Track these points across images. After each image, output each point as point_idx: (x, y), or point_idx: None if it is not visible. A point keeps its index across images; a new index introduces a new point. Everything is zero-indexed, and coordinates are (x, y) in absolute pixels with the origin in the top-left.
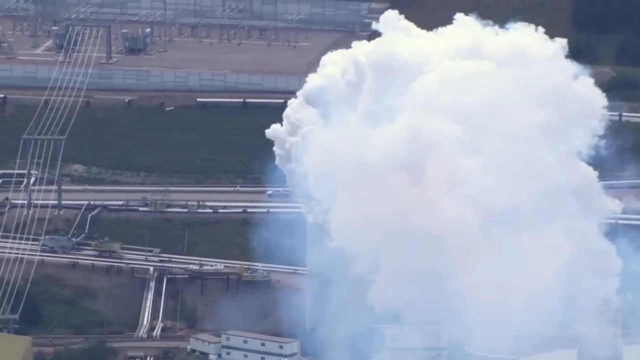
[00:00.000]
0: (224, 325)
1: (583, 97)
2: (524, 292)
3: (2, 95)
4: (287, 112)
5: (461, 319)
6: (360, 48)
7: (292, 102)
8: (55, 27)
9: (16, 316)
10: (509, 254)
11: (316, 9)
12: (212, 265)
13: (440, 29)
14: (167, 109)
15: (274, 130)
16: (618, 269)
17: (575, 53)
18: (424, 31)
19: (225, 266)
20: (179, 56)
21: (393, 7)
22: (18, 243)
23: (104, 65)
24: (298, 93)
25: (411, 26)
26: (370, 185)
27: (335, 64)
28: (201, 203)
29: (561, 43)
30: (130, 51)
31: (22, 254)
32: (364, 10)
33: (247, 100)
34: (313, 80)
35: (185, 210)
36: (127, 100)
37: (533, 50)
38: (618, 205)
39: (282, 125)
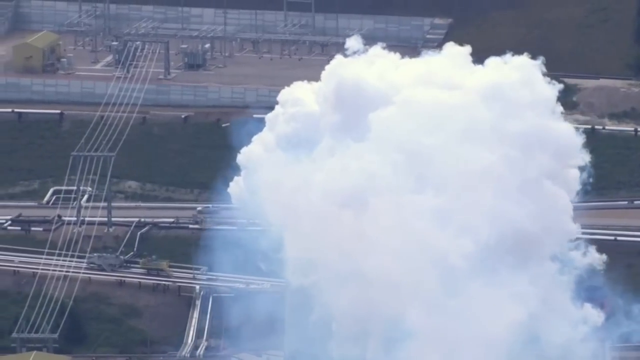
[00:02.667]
0: (267, 345)
1: (559, 147)
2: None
3: (59, 111)
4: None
5: None
6: (326, 78)
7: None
8: (115, 43)
9: (55, 335)
10: (460, 303)
11: (379, 24)
12: (258, 284)
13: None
14: (223, 125)
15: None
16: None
17: (637, 69)
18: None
19: (271, 285)
20: (238, 72)
21: (456, 23)
22: (64, 260)
23: (161, 81)
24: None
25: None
26: (314, 221)
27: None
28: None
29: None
30: (189, 67)
31: (67, 271)
32: (427, 26)
33: None
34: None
35: (234, 228)
36: (183, 116)
37: (510, 91)
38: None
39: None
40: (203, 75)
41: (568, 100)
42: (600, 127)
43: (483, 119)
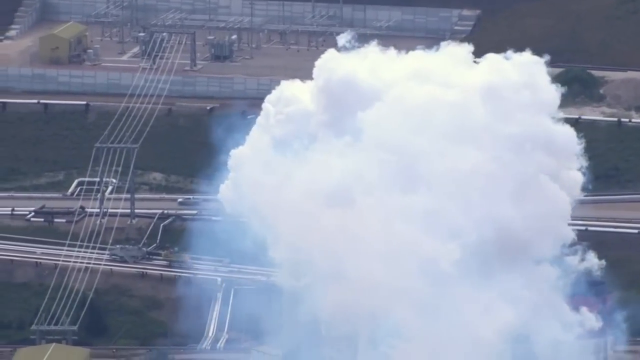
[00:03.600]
0: (289, 338)
1: (557, 150)
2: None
3: (85, 102)
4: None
5: None
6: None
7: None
8: (142, 34)
9: (75, 327)
10: (448, 305)
11: (407, 15)
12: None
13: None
14: (249, 117)
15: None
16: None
17: None
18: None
19: None
20: (264, 63)
21: (484, 14)
22: (85, 252)
23: (187, 72)
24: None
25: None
26: (296, 220)
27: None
28: None
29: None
30: (215, 58)
31: (89, 263)
32: (455, 18)
33: None
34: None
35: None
36: (208, 107)
37: (508, 91)
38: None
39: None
40: (229, 67)
41: (595, 93)
42: (627, 120)
43: (476, 118)
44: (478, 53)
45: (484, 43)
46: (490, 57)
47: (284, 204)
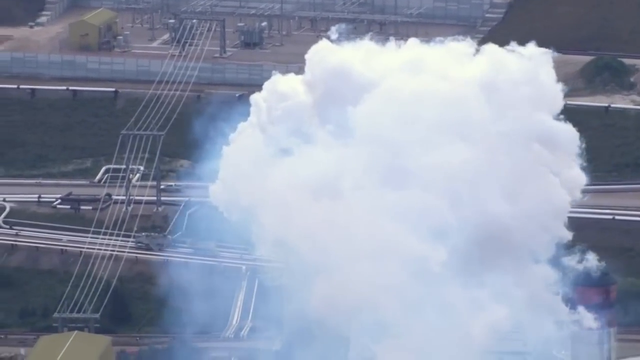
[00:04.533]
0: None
1: (555, 147)
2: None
3: (114, 89)
4: None
5: None
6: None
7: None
8: (172, 21)
9: (97, 315)
10: (436, 303)
11: (438, 2)
12: None
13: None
14: None
15: None
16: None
17: None
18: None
19: None
20: (295, 51)
21: (516, 2)
22: (109, 240)
23: (217, 59)
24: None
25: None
26: (279, 213)
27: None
28: None
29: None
30: (245, 45)
31: (113, 251)
32: (486, 5)
33: None
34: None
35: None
36: (237, 95)
37: (505, 85)
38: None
39: None
40: (259, 54)
41: (625, 81)
42: None
43: (470, 112)
44: (509, 40)
45: (515, 30)
46: (492, 50)
47: (267, 196)
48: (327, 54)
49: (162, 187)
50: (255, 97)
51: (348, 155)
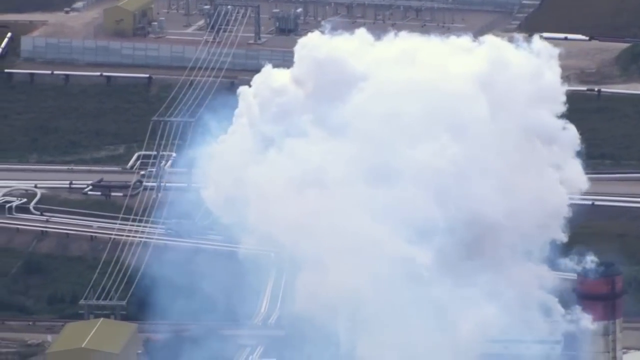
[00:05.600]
0: None
1: (551, 145)
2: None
3: (147, 75)
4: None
5: None
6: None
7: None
8: (207, 7)
9: (124, 302)
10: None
11: None
12: None
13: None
14: None
15: None
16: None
17: None
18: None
19: None
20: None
21: None
22: (139, 226)
23: (251, 46)
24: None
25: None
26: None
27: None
28: None
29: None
30: (280, 31)
31: (142, 237)
32: None
33: None
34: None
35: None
36: None
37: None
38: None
39: None
40: (294, 41)
41: None
42: None
43: (461, 108)
44: (545, 27)
45: (552, 17)
46: (494, 45)
47: (252, 189)
48: (315, 47)
49: (142, 173)
50: (244, 92)
51: (335, 150)
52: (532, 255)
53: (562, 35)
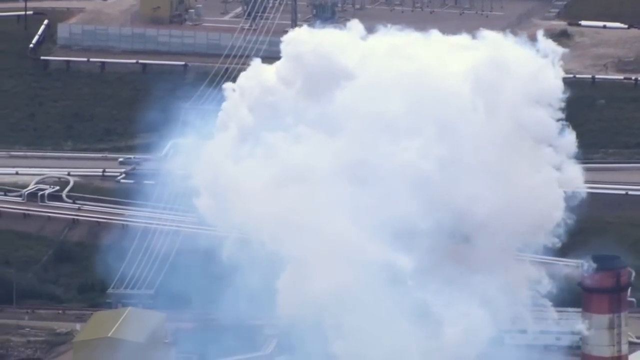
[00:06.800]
0: None
1: (542, 148)
2: None
3: (183, 63)
4: None
5: None
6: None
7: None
8: None
9: (152, 291)
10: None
11: None
12: None
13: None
14: None
15: None
16: None
17: None
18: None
19: None
20: (366, 25)
21: None
22: (170, 214)
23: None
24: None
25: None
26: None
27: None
28: None
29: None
30: (317, 19)
31: (173, 226)
32: None
33: None
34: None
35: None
36: None
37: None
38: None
39: None
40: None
41: None
42: None
43: (452, 106)
44: (585, 15)
45: (590, 5)
46: (493, 42)
47: (234, 186)
48: (302, 42)
49: (120, 159)
50: (230, 87)
51: (318, 147)
52: (524, 256)
53: (600, 24)
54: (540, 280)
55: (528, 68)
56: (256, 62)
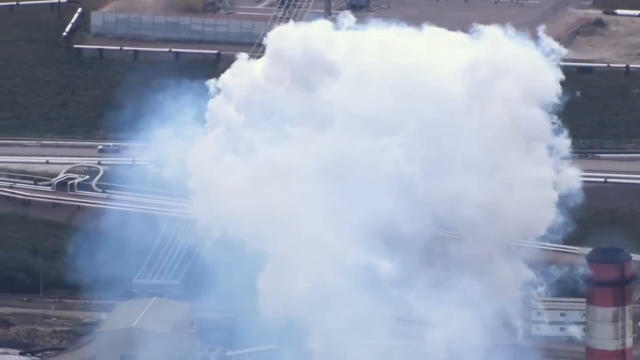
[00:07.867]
0: None
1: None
2: None
3: (216, 52)
4: None
5: None
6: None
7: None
8: None
9: (177, 282)
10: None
11: None
12: None
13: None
14: None
15: None
16: None
17: None
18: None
19: None
20: (401, 13)
21: None
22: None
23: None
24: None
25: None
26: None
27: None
28: None
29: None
30: (351, 7)
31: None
32: None
33: None
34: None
35: None
36: None
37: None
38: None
39: None
40: (365, 17)
41: None
42: None
43: (442, 104)
44: (621, 4)
45: None
46: (492, 37)
47: (215, 183)
48: (286, 38)
49: (100, 147)
50: (213, 84)
51: (299, 144)
52: (513, 257)
53: (636, 12)
54: (533, 281)
55: (524, 66)
56: (243, 56)
